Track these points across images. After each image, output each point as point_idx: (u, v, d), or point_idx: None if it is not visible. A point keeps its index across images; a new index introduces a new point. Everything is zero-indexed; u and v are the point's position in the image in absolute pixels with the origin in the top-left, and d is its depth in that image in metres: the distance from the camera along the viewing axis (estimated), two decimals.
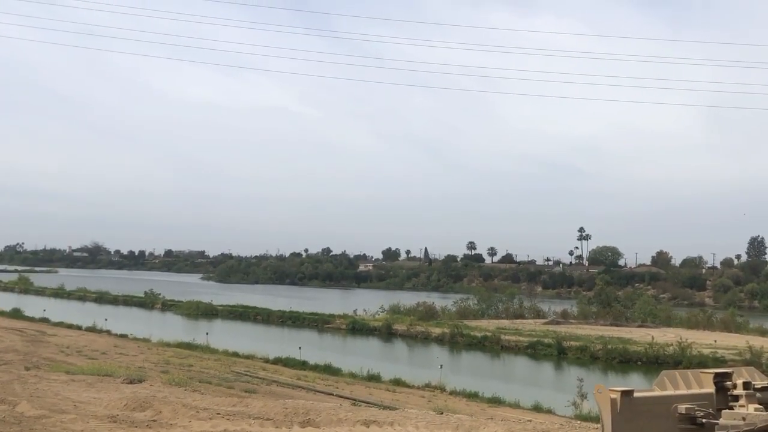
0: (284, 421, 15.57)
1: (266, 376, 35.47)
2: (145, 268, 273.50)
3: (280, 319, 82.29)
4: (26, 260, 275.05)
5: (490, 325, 73.33)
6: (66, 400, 18.50)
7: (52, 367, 28.62)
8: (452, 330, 66.55)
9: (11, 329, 50.59)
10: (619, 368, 52.79)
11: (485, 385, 37.82)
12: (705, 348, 55.40)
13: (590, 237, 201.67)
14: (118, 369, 28.71)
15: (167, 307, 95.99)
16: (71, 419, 15.10)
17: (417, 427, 15.10)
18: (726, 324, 78.92)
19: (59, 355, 36.17)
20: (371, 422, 15.37)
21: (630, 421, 8.46)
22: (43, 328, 54.79)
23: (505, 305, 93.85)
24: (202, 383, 27.61)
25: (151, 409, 16.76)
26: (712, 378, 9.30)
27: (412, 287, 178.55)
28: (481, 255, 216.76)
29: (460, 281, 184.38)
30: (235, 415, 16.47)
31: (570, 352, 57.23)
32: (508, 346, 61.20)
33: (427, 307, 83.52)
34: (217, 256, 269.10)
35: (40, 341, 43.68)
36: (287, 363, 43.45)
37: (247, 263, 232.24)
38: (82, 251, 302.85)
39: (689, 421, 8.82)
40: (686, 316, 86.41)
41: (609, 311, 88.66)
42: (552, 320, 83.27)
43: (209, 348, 48.47)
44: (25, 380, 22.47)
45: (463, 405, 29.87)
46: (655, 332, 68.83)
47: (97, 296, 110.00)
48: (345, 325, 74.92)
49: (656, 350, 54.23)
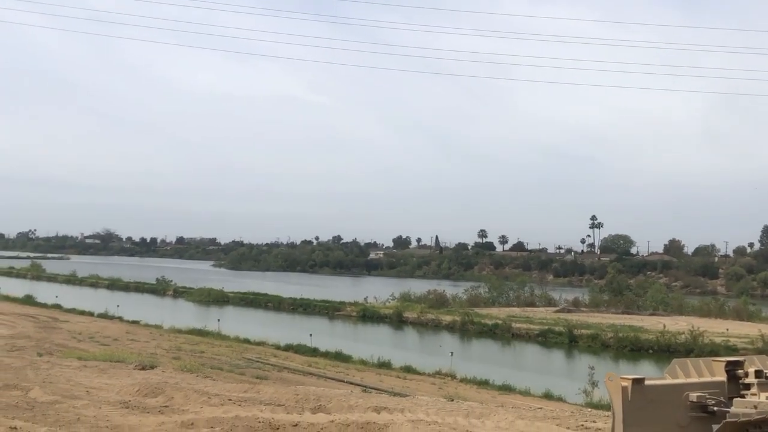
0: (295, 408, 15.62)
1: (277, 363, 35.59)
2: (157, 255, 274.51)
3: (291, 306, 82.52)
4: (38, 247, 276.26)
5: (500, 313, 73.31)
6: (78, 386, 18.60)
7: (65, 353, 28.79)
8: (463, 318, 66.54)
9: (24, 315, 50.90)
10: (630, 356, 52.70)
11: (496, 372, 37.83)
12: (717, 336, 55.23)
13: (602, 225, 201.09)
14: (130, 355, 28.87)
15: (179, 294, 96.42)
16: (83, 405, 15.18)
17: (427, 414, 15.12)
18: (738, 312, 78.65)
19: (71, 341, 36.38)
20: (382, 409, 15.40)
21: (641, 409, 8.44)
22: (55, 315, 55.09)
23: (516, 293, 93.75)
24: (213, 369, 27.72)
25: (162, 395, 16.84)
26: (724, 366, 9.27)
27: (422, 275, 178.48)
28: (492, 243, 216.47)
29: (471, 269, 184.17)
30: (246, 401, 16.53)
31: (581, 340, 57.17)
32: (519, 334, 61.18)
33: (437, 294, 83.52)
34: (228, 244, 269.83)
35: (53, 327, 43.94)
36: (298, 350, 43.57)
37: (259, 251, 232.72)
38: (94, 238, 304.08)
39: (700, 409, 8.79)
40: (698, 304, 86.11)
41: (620, 299, 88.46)
42: (563, 308, 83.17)
43: (221, 334, 48.65)
44: (37, 366, 22.61)
45: (473, 392, 29.91)
46: (666, 320, 68.69)
47: (109, 283, 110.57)
48: (356, 313, 75.05)
49: (668, 338, 54.12)
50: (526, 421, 14.07)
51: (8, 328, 40.20)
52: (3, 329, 38.84)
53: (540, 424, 13.75)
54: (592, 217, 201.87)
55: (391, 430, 13.01)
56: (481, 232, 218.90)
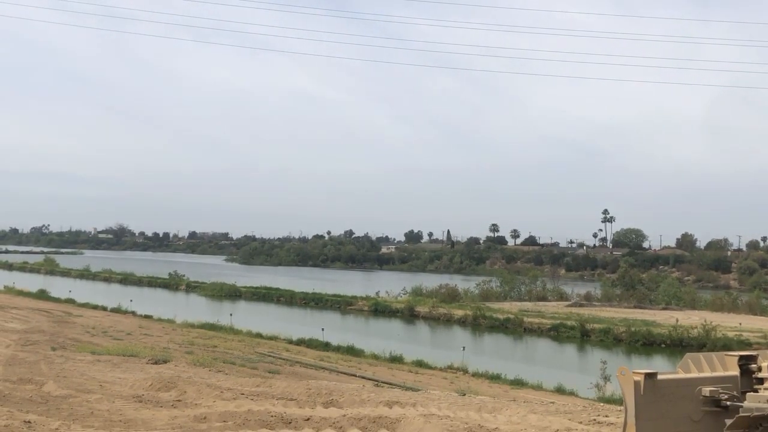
0: (307, 402, 15.66)
1: (289, 357, 35.70)
2: (170, 249, 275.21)
3: (303, 300, 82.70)
4: (52, 242, 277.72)
5: (512, 308, 73.25)
6: (92, 380, 18.71)
7: (78, 348, 28.95)
8: (475, 312, 66.53)
9: (38, 310, 51.21)
10: (642, 351, 52.59)
11: (508, 367, 37.84)
12: (730, 331, 55.03)
13: (614, 219, 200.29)
14: (143, 349, 29.00)
15: (191, 289, 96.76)
16: (97, 399, 15.26)
17: (440, 408, 15.13)
18: (751, 307, 78.32)
19: (85, 335, 36.58)
20: (394, 403, 15.41)
21: (653, 404, 8.42)
22: (69, 309, 55.42)
23: (528, 288, 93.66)
24: (226, 364, 27.84)
25: (175, 389, 16.90)
26: (737, 361, 9.23)
27: (434, 269, 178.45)
28: (503, 237, 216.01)
29: (483, 263, 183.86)
30: (258, 395, 16.59)
31: (593, 334, 57.07)
32: (531, 328, 61.12)
33: (449, 289, 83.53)
34: (240, 238, 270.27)
35: (66, 322, 44.19)
36: (310, 344, 43.69)
37: (271, 245, 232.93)
38: (107, 233, 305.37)
39: (713, 404, 8.76)
40: (711, 298, 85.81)
41: (633, 294, 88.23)
42: (575, 303, 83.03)
43: (233, 329, 48.81)
44: (51, 360, 22.75)
45: (485, 387, 29.92)
46: (679, 315, 68.48)
47: (122, 277, 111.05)
48: (367, 307, 75.14)
49: (680, 333, 53.97)
50: (538, 416, 14.06)
51: (22, 322, 40.46)
52: (17, 324, 39.09)
53: (552, 418, 13.73)
54: (604, 211, 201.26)
55: (403, 424, 13.01)
56: (492, 227, 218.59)
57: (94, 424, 12.42)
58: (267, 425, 12.88)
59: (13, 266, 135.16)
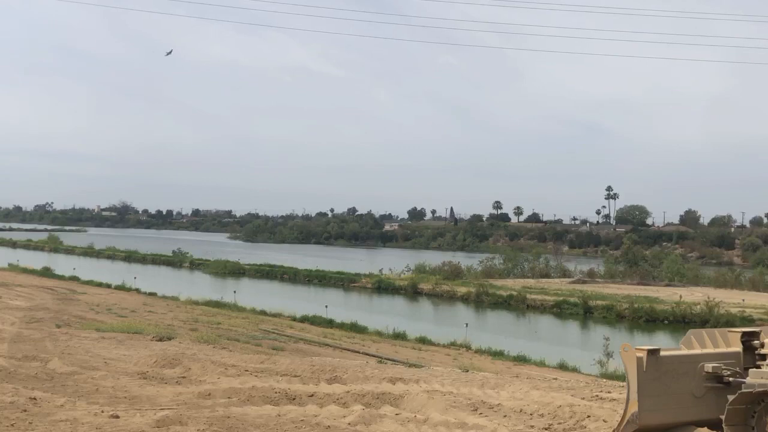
0: (311, 378, 15.73)
1: (293, 334, 35.81)
2: (173, 227, 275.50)
3: (307, 278, 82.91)
4: (55, 219, 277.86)
5: (515, 285, 73.38)
6: (96, 357, 18.80)
7: (83, 325, 29.04)
8: (478, 289, 66.62)
9: (42, 287, 51.36)
10: (645, 327, 52.67)
11: (511, 343, 37.92)
12: (733, 307, 55.07)
13: (618, 196, 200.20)
14: (147, 327, 29.08)
15: (195, 266, 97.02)
16: (102, 376, 15.34)
17: (443, 385, 15.19)
18: (754, 283, 78.38)
19: (89, 313, 36.67)
20: (397, 380, 15.47)
21: (656, 380, 8.45)
22: (73, 287, 55.55)
23: (531, 264, 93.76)
24: (230, 341, 27.91)
25: (180, 366, 16.98)
26: (740, 337, 9.26)
27: (437, 247, 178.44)
28: (506, 214, 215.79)
29: (486, 241, 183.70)
30: (262, 372, 16.66)
31: (596, 311, 57.17)
32: (534, 305, 61.24)
33: (452, 266, 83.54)
34: (243, 216, 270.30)
35: (71, 299, 44.31)
36: (314, 321, 43.81)
37: (274, 223, 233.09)
38: (110, 211, 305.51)
39: (716, 380, 8.79)
40: (714, 275, 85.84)
41: (636, 270, 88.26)
42: (578, 279, 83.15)
43: (237, 306, 48.93)
44: (56, 338, 22.85)
45: (488, 363, 29.99)
46: (682, 291, 68.52)
47: (126, 255, 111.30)
48: (371, 284, 75.30)
49: (683, 309, 54.00)
50: (541, 392, 14.11)
51: (27, 300, 40.57)
52: (22, 301, 39.21)
53: (555, 394, 13.78)
54: (607, 188, 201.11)
55: (406, 400, 13.08)
56: (495, 204, 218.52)
57: (99, 401, 12.49)
58: (271, 401, 12.95)
59: (17, 244, 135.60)
